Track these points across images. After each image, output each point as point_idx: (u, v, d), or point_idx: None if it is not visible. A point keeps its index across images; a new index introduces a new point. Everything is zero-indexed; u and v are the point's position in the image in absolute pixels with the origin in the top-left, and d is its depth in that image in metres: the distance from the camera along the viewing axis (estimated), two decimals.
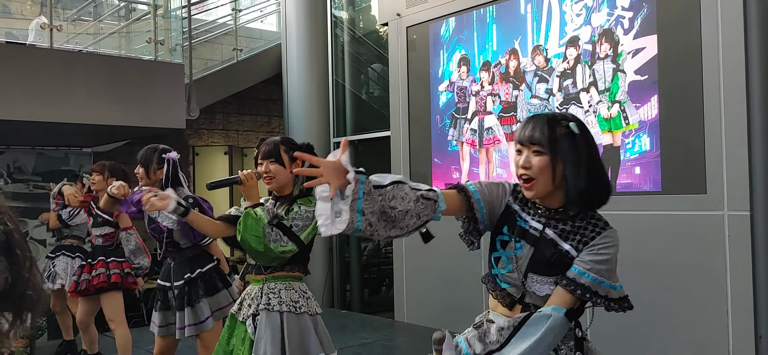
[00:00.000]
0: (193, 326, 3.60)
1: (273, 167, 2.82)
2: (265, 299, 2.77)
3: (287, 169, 2.84)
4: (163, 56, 6.97)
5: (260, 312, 2.76)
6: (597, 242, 1.81)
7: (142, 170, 3.71)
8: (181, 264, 3.68)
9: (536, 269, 1.84)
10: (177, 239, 3.66)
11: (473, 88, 6.17)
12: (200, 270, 3.64)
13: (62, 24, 6.74)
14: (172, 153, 3.74)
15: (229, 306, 3.59)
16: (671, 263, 4.77)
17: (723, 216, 4.50)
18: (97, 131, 6.85)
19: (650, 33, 4.90)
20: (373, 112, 8.11)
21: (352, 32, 8.44)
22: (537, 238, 1.85)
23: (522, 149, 1.85)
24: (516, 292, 1.89)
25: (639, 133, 4.96)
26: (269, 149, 2.84)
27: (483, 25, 6.09)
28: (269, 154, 2.83)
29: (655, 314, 4.83)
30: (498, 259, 1.91)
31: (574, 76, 5.38)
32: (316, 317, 2.84)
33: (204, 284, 3.63)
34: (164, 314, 3.72)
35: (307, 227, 2.77)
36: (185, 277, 3.62)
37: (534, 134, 1.82)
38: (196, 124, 8.77)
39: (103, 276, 4.62)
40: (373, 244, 8.80)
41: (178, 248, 3.70)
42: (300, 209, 2.79)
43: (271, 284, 2.80)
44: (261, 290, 2.81)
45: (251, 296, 2.85)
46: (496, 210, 1.93)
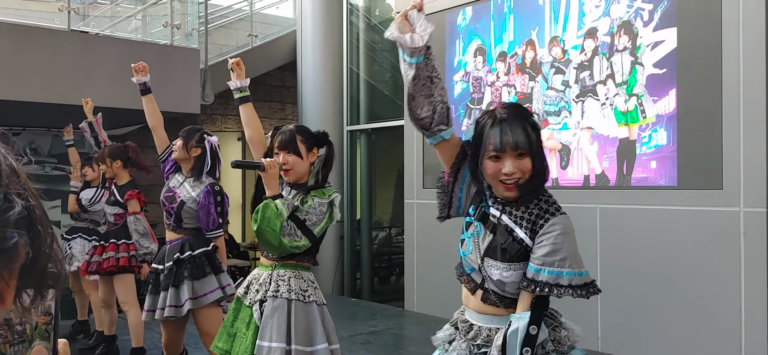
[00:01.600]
0: (171, 307, 3.57)
1: (291, 159, 2.75)
2: (274, 286, 2.76)
3: (304, 160, 2.78)
4: (179, 41, 6.99)
5: (268, 298, 2.75)
6: (544, 230, 1.83)
7: (180, 142, 3.74)
8: (175, 245, 3.68)
9: (492, 253, 1.89)
10: (184, 215, 3.67)
11: (489, 78, 6.13)
12: (190, 253, 3.63)
13: (80, 7, 6.76)
14: (213, 138, 3.81)
15: (213, 292, 3.61)
16: (685, 258, 4.73)
17: (739, 212, 4.46)
18: (112, 114, 6.88)
19: (670, 26, 4.84)
20: (387, 100, 8.10)
21: (367, 20, 8.41)
22: (495, 224, 1.90)
23: (502, 155, 1.86)
24: (477, 276, 1.95)
25: (656, 127, 4.92)
26: (286, 140, 2.77)
27: (500, 15, 6.05)
28: (286, 145, 2.77)
29: (668, 310, 4.80)
30: (463, 240, 1.97)
31: (591, 68, 5.33)
32: (323, 307, 2.83)
33: (191, 267, 3.61)
34: (153, 298, 3.70)
35: (320, 221, 2.74)
36: (175, 257, 3.62)
37: (518, 140, 1.85)
38: (210, 109, 8.79)
39: (112, 260, 4.67)
40: (384, 232, 8.81)
41: (179, 225, 3.69)
42: (314, 201, 2.74)
43: (280, 271, 2.79)
44: (270, 277, 2.80)
45: (259, 282, 2.83)
46: (473, 189, 2.01)
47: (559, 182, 5.52)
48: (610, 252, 5.12)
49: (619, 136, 5.15)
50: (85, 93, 6.07)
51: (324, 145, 2.86)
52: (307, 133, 2.84)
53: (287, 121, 10.05)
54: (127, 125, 8.21)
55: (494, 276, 1.88)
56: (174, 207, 3.67)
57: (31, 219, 0.66)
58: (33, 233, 0.66)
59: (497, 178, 1.87)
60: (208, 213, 3.64)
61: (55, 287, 0.71)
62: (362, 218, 8.27)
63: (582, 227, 5.25)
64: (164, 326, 3.78)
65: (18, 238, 0.64)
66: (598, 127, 5.29)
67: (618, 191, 5.14)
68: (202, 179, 3.71)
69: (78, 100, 6.12)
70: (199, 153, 3.73)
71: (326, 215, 2.74)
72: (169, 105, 6.60)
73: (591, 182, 5.33)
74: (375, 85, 8.34)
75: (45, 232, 0.68)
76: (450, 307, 7.02)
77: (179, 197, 3.68)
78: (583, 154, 5.40)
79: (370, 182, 8.35)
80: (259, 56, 8.80)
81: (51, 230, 0.70)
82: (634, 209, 5.01)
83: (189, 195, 3.68)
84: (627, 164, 5.10)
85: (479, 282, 1.94)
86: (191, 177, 3.72)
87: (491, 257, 1.89)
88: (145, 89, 4.05)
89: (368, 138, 8.28)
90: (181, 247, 3.66)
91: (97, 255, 4.77)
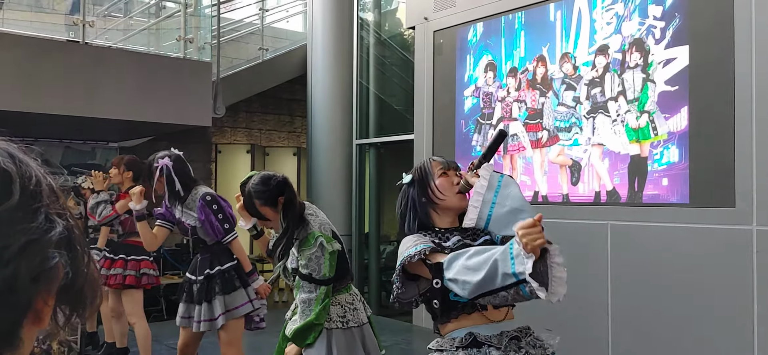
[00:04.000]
0: (206, 321, 3.69)
1: (261, 222, 2.87)
2: None
3: (273, 215, 2.82)
4: (192, 54, 7.03)
5: None
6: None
7: (140, 189, 3.81)
8: (205, 259, 3.78)
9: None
10: (201, 235, 3.77)
11: (499, 94, 6.14)
12: (219, 268, 3.72)
13: (93, 20, 6.82)
14: (164, 159, 3.76)
15: (244, 306, 3.72)
16: (697, 276, 4.70)
17: (751, 231, 4.44)
18: (124, 127, 6.93)
19: (682, 44, 4.84)
20: (396, 115, 8.12)
21: (377, 35, 8.45)
22: (466, 243, 2.09)
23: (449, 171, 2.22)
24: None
25: (667, 145, 4.91)
26: (248, 208, 2.85)
27: (511, 31, 6.06)
28: (251, 213, 2.86)
29: (679, 328, 4.77)
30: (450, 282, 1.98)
31: (602, 85, 5.33)
32: (363, 327, 2.86)
33: (221, 282, 3.71)
34: (187, 306, 3.82)
35: (322, 265, 2.73)
36: (205, 272, 3.72)
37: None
38: (220, 122, 8.84)
39: (119, 277, 4.70)
40: (391, 246, 8.80)
41: (205, 244, 3.80)
42: (305, 255, 2.74)
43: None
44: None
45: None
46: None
47: (569, 198, 5.51)
48: (621, 269, 5.10)
49: (630, 153, 5.14)
50: (98, 105, 6.12)
51: (283, 192, 2.83)
52: (264, 193, 2.81)
53: (296, 134, 10.08)
54: (138, 137, 8.27)
55: None
56: (188, 233, 3.79)
57: (70, 239, 0.67)
58: (72, 253, 0.67)
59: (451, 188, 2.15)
60: (212, 225, 3.70)
61: (90, 306, 0.72)
62: (370, 232, 8.26)
63: (592, 244, 5.26)
64: (183, 331, 3.87)
65: (59, 258, 0.64)
66: (609, 144, 5.28)
67: (629, 208, 5.12)
68: (187, 202, 3.74)
69: (90, 113, 6.16)
70: (163, 181, 3.72)
71: (325, 256, 2.74)
72: (181, 118, 6.64)
73: (602, 198, 5.31)
74: (384, 100, 8.36)
75: (83, 252, 0.69)
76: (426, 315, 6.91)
77: (187, 225, 3.78)
78: (594, 170, 5.39)
79: (379, 196, 8.36)
80: (269, 69, 8.85)
81: (87, 249, 0.71)
82: (646, 226, 4.99)
83: (190, 217, 3.76)
84: (638, 181, 5.09)
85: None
86: (179, 205, 3.76)
87: None
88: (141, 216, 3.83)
89: (377, 152, 8.29)
90: (210, 262, 3.74)
91: (105, 268, 4.79)
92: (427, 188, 2.18)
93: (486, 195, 2.00)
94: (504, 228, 1.98)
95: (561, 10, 5.67)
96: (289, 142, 10.07)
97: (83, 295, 0.70)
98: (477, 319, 2.03)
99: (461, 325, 2.04)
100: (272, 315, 4.58)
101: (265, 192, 2.80)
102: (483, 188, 2.01)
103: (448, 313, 2.05)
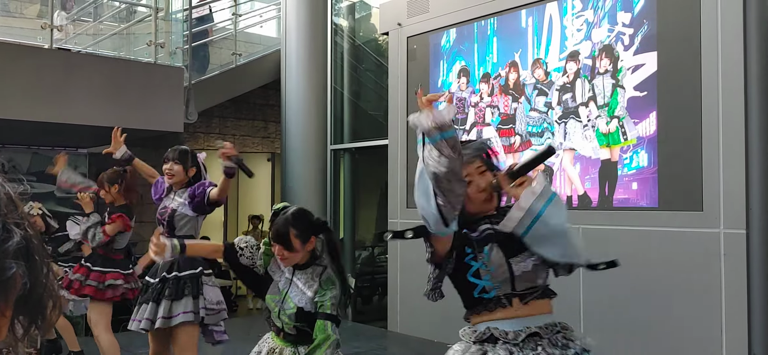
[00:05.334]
0: (148, 320, 3.71)
1: (285, 253, 2.68)
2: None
3: (300, 252, 2.70)
4: (163, 59, 6.96)
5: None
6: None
7: (179, 167, 3.91)
8: (166, 264, 3.74)
9: (511, 253, 2.06)
10: (176, 222, 3.82)
11: (472, 99, 6.18)
12: (176, 273, 3.75)
13: (62, 24, 6.72)
14: (202, 154, 4.07)
15: (186, 314, 3.71)
16: (667, 279, 4.78)
17: (719, 234, 4.52)
18: (94, 133, 6.83)
19: (650, 50, 4.93)
20: (371, 120, 8.12)
21: (352, 40, 8.45)
22: (491, 234, 2.09)
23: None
24: (505, 288, 2.06)
25: (637, 149, 4.98)
26: (279, 234, 2.67)
27: (484, 37, 6.11)
28: (279, 240, 2.68)
29: (649, 330, 4.84)
30: (477, 271, 2.09)
31: (573, 91, 5.40)
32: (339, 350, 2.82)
33: (191, 285, 3.74)
34: (142, 308, 3.80)
35: (336, 303, 2.72)
36: (161, 275, 3.76)
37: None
38: (193, 127, 8.75)
39: (92, 288, 4.60)
40: (366, 251, 8.79)
41: (172, 234, 3.77)
42: (328, 295, 2.70)
43: (304, 347, 2.72)
44: (296, 352, 2.75)
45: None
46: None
47: None
48: (592, 273, 5.14)
49: (601, 158, 5.20)
50: (67, 111, 6.02)
51: (321, 233, 2.78)
52: (303, 226, 2.71)
53: (270, 140, 10.02)
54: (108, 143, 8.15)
55: (528, 267, 2.06)
56: (166, 216, 3.85)
57: (28, 249, 0.66)
58: (30, 263, 0.66)
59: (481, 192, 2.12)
60: (203, 194, 3.82)
61: (50, 317, 0.71)
62: (345, 238, 8.25)
63: None
64: (152, 339, 3.87)
65: (16, 268, 0.63)
66: (580, 149, 5.35)
67: (600, 212, 5.18)
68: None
69: (59, 118, 6.06)
70: (194, 173, 3.95)
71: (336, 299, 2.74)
72: (152, 123, 6.57)
73: (574, 202, 5.37)
74: (359, 105, 8.36)
75: (41, 262, 0.68)
76: (433, 327, 7.05)
77: (170, 208, 3.87)
78: (565, 175, 5.46)
79: (354, 202, 8.35)
80: (242, 75, 8.79)
81: (47, 259, 0.70)
82: (616, 230, 5.06)
83: (178, 202, 3.88)
84: (609, 185, 5.15)
85: (511, 291, 2.06)
86: (181, 190, 3.92)
87: (513, 256, 2.05)
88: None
89: (352, 157, 8.29)
90: (170, 266, 3.76)
91: (80, 274, 4.66)
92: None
93: (534, 204, 1.99)
94: (539, 245, 2.03)
95: (532, 17, 5.73)
96: (263, 147, 10.01)
97: (42, 305, 0.69)
98: (500, 314, 2.07)
99: (484, 319, 2.10)
100: (246, 323, 4.54)
101: (306, 227, 2.72)
102: (533, 196, 2.00)
103: (472, 308, 2.13)
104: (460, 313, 2.26)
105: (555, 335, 2.07)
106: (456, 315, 2.35)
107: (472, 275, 2.07)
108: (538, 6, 5.68)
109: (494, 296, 2.06)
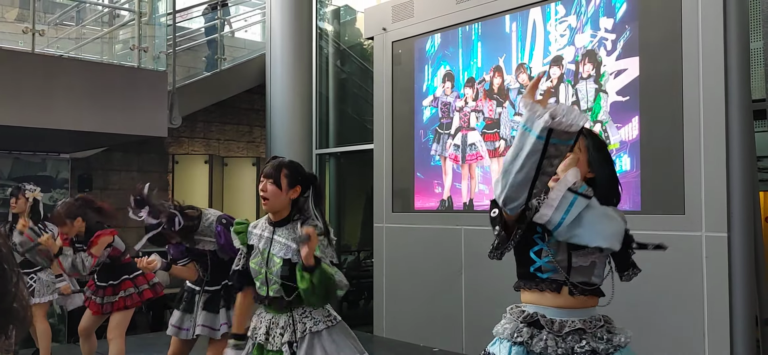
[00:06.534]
0: (207, 327, 3.73)
1: (270, 188, 2.81)
2: (301, 326, 2.78)
3: (283, 194, 2.82)
4: (146, 63, 6.92)
5: (298, 341, 2.76)
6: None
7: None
8: (221, 272, 3.74)
9: (576, 246, 2.07)
10: (221, 255, 3.75)
11: (457, 104, 6.20)
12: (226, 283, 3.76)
13: (44, 28, 6.66)
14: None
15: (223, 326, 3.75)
16: (649, 282, 4.80)
17: (701, 237, 4.56)
18: (77, 137, 6.77)
19: (632, 55, 4.97)
20: (356, 124, 8.12)
21: (337, 45, 8.45)
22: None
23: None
24: (560, 275, 2.10)
25: (620, 153, 5.02)
26: (270, 169, 2.84)
27: (468, 42, 6.13)
28: (269, 174, 2.83)
29: (632, 334, 4.86)
30: (539, 251, 2.12)
31: (557, 95, 5.43)
32: (342, 322, 2.91)
33: (226, 296, 3.78)
34: (183, 316, 3.82)
35: (330, 253, 2.82)
36: (222, 283, 3.75)
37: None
38: (177, 132, 8.70)
39: (135, 296, 4.60)
40: (352, 255, 8.78)
41: (222, 262, 3.74)
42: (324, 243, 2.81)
43: (298, 310, 2.80)
44: (291, 318, 2.80)
45: (280, 325, 2.81)
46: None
47: None
48: None
49: None
50: (49, 115, 5.96)
51: (309, 188, 2.90)
52: (294, 171, 2.87)
53: (255, 144, 9.99)
54: (89, 148, 8.08)
55: (586, 262, 2.11)
56: (208, 258, 3.78)
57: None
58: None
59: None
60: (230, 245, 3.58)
61: (20, 325, 0.70)
62: None
63: None
64: (175, 342, 3.86)
65: None
66: None
67: None
68: (200, 230, 3.76)
69: (41, 123, 6.00)
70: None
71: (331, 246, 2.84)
72: (135, 128, 6.52)
73: None
74: (344, 109, 8.36)
75: (11, 270, 0.67)
76: (419, 331, 7.03)
77: (206, 250, 3.77)
78: None
79: (339, 206, 8.34)
80: (227, 79, 8.76)
81: (17, 268, 0.69)
82: None
83: (211, 243, 3.75)
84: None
85: (563, 280, 2.10)
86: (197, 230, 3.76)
87: (579, 249, 2.08)
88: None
89: (337, 161, 8.28)
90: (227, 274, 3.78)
91: (109, 295, 4.61)
92: None
93: (562, 202, 1.99)
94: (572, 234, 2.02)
95: (516, 22, 5.76)
96: (248, 152, 9.98)
97: (12, 314, 0.68)
98: (548, 298, 2.11)
99: (532, 300, 2.14)
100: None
101: (297, 173, 2.88)
102: (560, 193, 2.00)
103: (524, 280, 2.16)
104: (445, 316, 2.29)
105: (599, 328, 2.14)
106: (441, 318, 2.37)
107: (534, 252, 2.12)
108: (522, 11, 5.72)
109: (547, 278, 2.11)
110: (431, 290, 6.19)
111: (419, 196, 6.50)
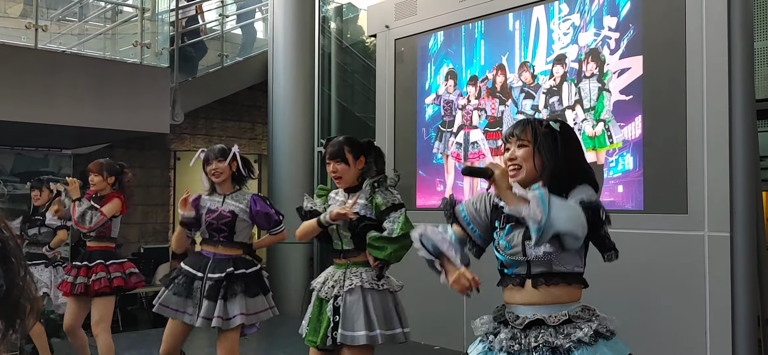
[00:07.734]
0: (220, 319, 3.67)
1: (340, 167, 3.12)
2: (349, 282, 3.07)
3: (352, 168, 3.15)
4: (149, 60, 6.92)
5: (343, 294, 3.05)
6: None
7: (224, 163, 3.90)
8: (223, 260, 3.76)
9: (529, 236, 2.04)
10: (237, 228, 3.80)
11: (460, 102, 6.20)
12: (244, 270, 3.76)
13: (47, 24, 6.66)
14: (235, 146, 4.03)
15: (266, 311, 3.83)
16: (651, 281, 4.81)
17: (703, 237, 4.56)
18: (79, 133, 6.78)
19: (636, 54, 4.96)
20: (358, 122, 8.12)
21: (339, 42, 8.45)
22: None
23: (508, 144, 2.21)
24: (522, 269, 2.11)
25: (622, 152, 5.01)
26: (334, 150, 3.14)
27: (471, 40, 6.13)
28: (335, 155, 3.13)
29: (634, 332, 4.86)
30: (497, 246, 2.17)
31: (560, 94, 5.42)
32: (396, 294, 3.20)
33: (244, 284, 3.74)
34: (183, 300, 3.76)
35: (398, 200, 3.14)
36: (227, 271, 3.71)
37: (515, 131, 2.20)
38: (179, 128, 8.71)
39: (104, 281, 4.51)
40: None
41: (230, 240, 3.80)
42: (383, 194, 3.11)
43: (352, 269, 3.11)
44: (344, 274, 3.11)
45: (334, 278, 3.14)
46: (486, 219, 2.25)
47: None
48: None
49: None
50: (52, 111, 5.97)
51: (370, 153, 3.23)
52: (354, 144, 3.21)
53: (257, 141, 9.99)
54: (91, 144, 8.09)
55: (539, 252, 2.07)
56: (226, 222, 3.79)
57: (5, 252, 0.65)
58: (6, 266, 0.65)
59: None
60: (269, 215, 3.90)
61: (27, 319, 0.70)
62: None
63: None
64: (172, 324, 3.82)
65: None
66: None
67: None
68: (234, 194, 3.88)
69: (44, 119, 6.00)
70: (236, 165, 3.92)
71: (397, 195, 3.15)
72: (138, 125, 6.53)
73: None
74: (346, 107, 8.36)
75: (18, 264, 0.67)
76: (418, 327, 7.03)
77: (227, 212, 3.81)
78: None
79: None
80: (229, 76, 8.76)
81: (24, 262, 0.69)
82: None
83: (238, 207, 3.83)
84: None
85: (525, 273, 2.11)
86: (233, 191, 3.90)
87: (530, 239, 2.05)
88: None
89: None
90: (234, 262, 3.77)
91: (82, 276, 4.55)
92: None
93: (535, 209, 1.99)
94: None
95: (519, 20, 5.75)
96: (250, 149, 9.98)
97: (19, 308, 0.68)
98: (516, 294, 2.14)
99: (505, 297, 2.19)
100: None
101: (357, 145, 3.21)
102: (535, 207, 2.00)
103: (500, 278, 2.22)
104: (445, 314, 2.36)
105: (562, 324, 2.05)
106: (442, 317, 2.41)
107: (495, 248, 2.18)
108: (525, 10, 5.71)
109: (512, 274, 2.13)
110: (431, 288, 6.18)
111: (421, 194, 6.50)
